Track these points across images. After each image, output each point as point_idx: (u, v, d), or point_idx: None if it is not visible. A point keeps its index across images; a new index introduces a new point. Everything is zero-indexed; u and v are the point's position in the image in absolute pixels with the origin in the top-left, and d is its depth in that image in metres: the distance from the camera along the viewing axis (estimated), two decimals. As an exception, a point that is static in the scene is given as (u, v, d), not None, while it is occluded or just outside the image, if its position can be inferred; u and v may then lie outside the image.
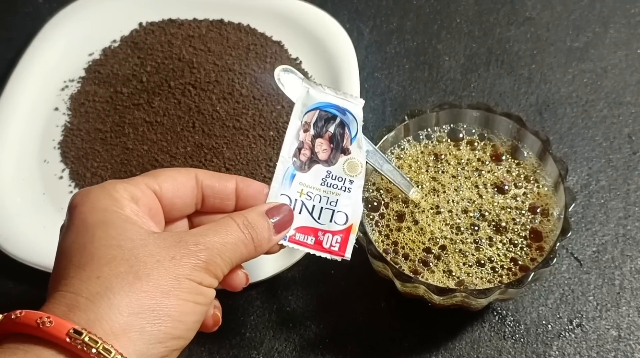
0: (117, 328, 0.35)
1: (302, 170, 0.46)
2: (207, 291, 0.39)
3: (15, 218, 0.59)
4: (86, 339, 0.34)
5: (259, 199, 0.45)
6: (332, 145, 0.47)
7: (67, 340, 0.34)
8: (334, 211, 0.46)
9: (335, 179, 0.46)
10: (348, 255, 0.45)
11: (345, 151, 0.47)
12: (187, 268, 0.38)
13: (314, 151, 0.47)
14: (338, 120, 0.47)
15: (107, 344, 0.34)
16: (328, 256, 0.45)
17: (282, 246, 0.45)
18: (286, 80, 0.49)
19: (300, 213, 0.45)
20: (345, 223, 0.45)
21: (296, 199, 0.46)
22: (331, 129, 0.47)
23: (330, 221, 0.45)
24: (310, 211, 0.45)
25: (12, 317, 0.35)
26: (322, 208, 0.46)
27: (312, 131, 0.47)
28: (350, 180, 0.46)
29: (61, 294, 0.36)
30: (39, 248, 0.57)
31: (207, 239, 0.39)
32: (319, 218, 0.45)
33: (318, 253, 0.45)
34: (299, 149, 0.47)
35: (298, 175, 0.46)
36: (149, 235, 0.39)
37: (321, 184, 0.46)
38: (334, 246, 0.45)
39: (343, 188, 0.46)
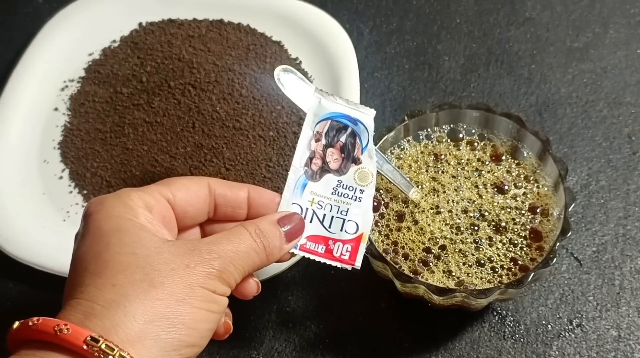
0: (132, 335, 0.35)
1: (314, 179, 0.47)
2: (220, 299, 0.40)
3: (15, 218, 0.59)
4: (103, 346, 0.34)
5: (271, 208, 0.45)
6: (343, 155, 0.47)
7: (84, 347, 0.34)
8: (344, 220, 0.46)
9: (346, 188, 0.47)
10: (358, 263, 0.45)
11: (356, 161, 0.47)
12: (201, 276, 0.38)
13: (325, 161, 0.47)
14: (349, 130, 0.47)
15: (123, 351, 0.34)
16: (338, 265, 0.45)
17: (293, 255, 0.45)
18: (286, 80, 0.49)
19: (311, 221, 0.46)
20: (355, 232, 0.46)
21: (307, 208, 0.46)
22: (342, 139, 0.47)
23: (341, 230, 0.46)
24: (321, 220, 0.46)
25: (29, 323, 0.36)
26: (332, 217, 0.46)
27: (323, 141, 0.47)
28: (361, 189, 0.47)
29: (77, 301, 0.36)
30: (38, 249, 0.57)
31: (220, 247, 0.40)
32: (329, 227, 0.46)
33: (329, 262, 0.45)
34: (311, 159, 0.47)
35: (309, 184, 0.47)
36: (163, 243, 0.39)
37: (332, 194, 0.47)
38: (345, 255, 0.45)
39: (354, 198, 0.46)
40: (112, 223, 0.39)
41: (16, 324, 0.36)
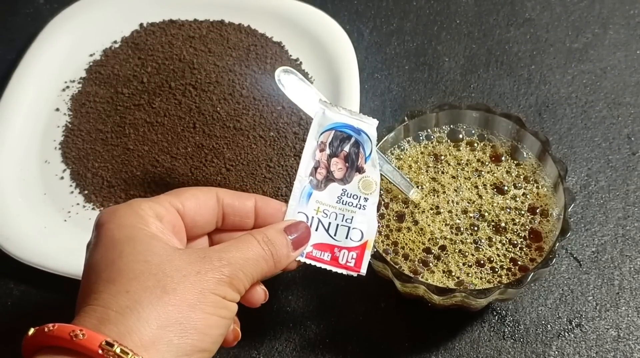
0: (146, 340, 0.36)
1: (319, 188, 0.47)
2: (230, 305, 0.40)
3: (16, 218, 0.59)
4: (117, 351, 0.35)
5: (277, 217, 0.46)
6: (347, 164, 0.48)
7: (100, 352, 0.35)
8: (349, 228, 0.47)
9: (350, 197, 0.47)
10: (364, 270, 0.46)
11: (360, 170, 0.48)
12: (212, 283, 0.39)
13: (329, 170, 0.48)
14: (353, 140, 0.48)
15: (137, 356, 0.35)
16: (344, 272, 0.46)
17: (299, 263, 0.46)
18: (286, 81, 0.49)
19: (317, 230, 0.46)
20: (360, 240, 0.46)
21: (313, 217, 0.47)
22: (346, 148, 0.48)
23: (346, 237, 0.46)
24: (327, 228, 0.46)
25: (45, 330, 0.36)
26: (338, 225, 0.47)
27: (327, 151, 0.48)
28: (365, 198, 0.47)
29: (91, 308, 0.37)
30: (39, 248, 0.57)
31: (229, 255, 0.40)
32: (335, 235, 0.46)
33: (334, 269, 0.46)
34: (316, 168, 0.48)
35: (314, 193, 0.47)
36: (174, 250, 0.40)
37: (337, 202, 0.47)
38: (350, 262, 0.46)
39: (358, 206, 0.47)
40: (124, 232, 0.40)
41: (31, 331, 0.37)
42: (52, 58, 0.69)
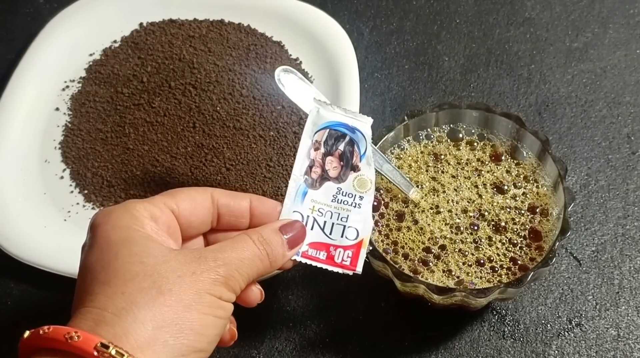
0: (142, 341, 0.36)
1: (314, 187, 0.47)
2: (226, 305, 0.40)
3: (16, 218, 0.59)
4: (113, 352, 0.35)
5: (273, 216, 0.46)
6: (342, 163, 0.48)
7: (95, 353, 0.35)
8: (344, 226, 0.47)
9: (345, 195, 0.47)
10: (359, 269, 0.46)
11: (355, 168, 0.48)
12: (208, 283, 0.39)
13: (324, 169, 0.48)
14: (347, 138, 0.48)
15: (133, 357, 0.35)
16: (340, 270, 0.46)
17: (295, 262, 0.46)
18: (286, 80, 0.49)
19: (312, 229, 0.46)
20: (356, 238, 0.46)
21: (308, 216, 0.47)
22: (341, 147, 0.48)
23: (342, 236, 0.46)
24: (322, 227, 0.46)
25: (40, 332, 0.36)
26: (333, 223, 0.47)
27: (322, 149, 0.48)
28: (360, 196, 0.47)
29: (87, 310, 0.37)
30: (39, 248, 0.57)
31: (225, 255, 0.40)
32: (330, 234, 0.46)
33: (330, 268, 0.46)
34: (310, 167, 0.48)
35: (310, 192, 0.47)
36: (169, 251, 0.40)
37: (332, 201, 0.47)
38: (346, 261, 0.46)
39: (353, 204, 0.47)
40: (119, 233, 0.40)
41: (27, 333, 0.37)
42: (52, 57, 0.69)
